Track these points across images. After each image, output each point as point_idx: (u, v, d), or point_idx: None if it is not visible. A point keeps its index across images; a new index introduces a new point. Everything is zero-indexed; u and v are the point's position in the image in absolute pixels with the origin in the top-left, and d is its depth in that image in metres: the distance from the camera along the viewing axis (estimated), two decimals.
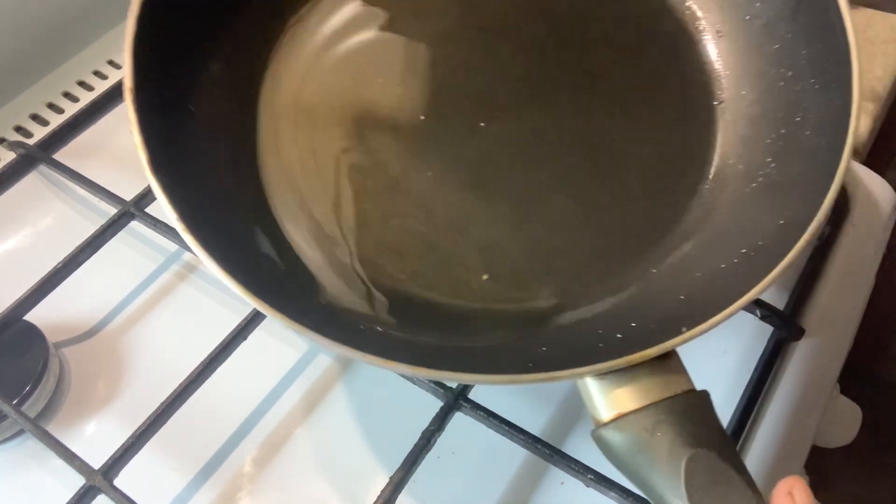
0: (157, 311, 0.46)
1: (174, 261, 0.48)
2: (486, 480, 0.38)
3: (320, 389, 0.42)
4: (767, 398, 0.40)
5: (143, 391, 0.42)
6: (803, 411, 0.41)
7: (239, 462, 0.40)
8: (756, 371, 0.41)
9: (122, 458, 0.37)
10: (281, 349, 0.43)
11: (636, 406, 0.27)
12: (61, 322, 0.45)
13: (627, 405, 0.27)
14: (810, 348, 0.43)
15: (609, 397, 0.28)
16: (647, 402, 0.27)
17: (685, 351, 0.28)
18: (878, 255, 0.49)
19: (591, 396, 0.28)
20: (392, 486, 0.35)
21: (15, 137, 0.54)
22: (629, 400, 0.27)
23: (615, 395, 0.28)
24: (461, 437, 0.39)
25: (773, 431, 0.39)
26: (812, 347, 0.43)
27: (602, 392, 0.28)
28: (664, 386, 0.28)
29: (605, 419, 0.28)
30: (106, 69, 0.59)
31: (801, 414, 0.41)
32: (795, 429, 0.40)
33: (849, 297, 0.46)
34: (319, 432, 0.40)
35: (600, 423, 0.28)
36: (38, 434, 0.38)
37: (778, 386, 0.41)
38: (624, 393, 0.27)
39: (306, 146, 0.38)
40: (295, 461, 0.40)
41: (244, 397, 0.41)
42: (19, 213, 0.51)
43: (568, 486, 0.38)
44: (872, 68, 0.54)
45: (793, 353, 0.42)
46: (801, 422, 0.41)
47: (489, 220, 0.36)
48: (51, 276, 0.44)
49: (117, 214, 0.46)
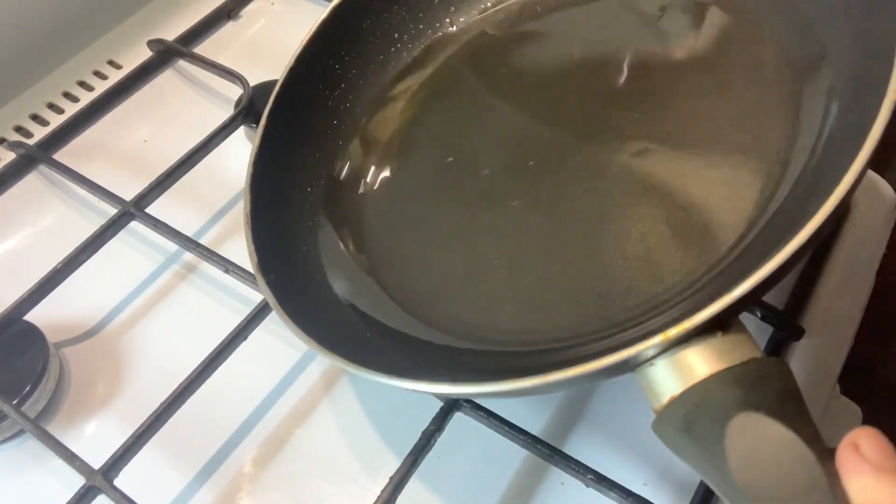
0: (157, 311, 0.46)
1: (174, 261, 0.48)
2: (486, 480, 0.38)
3: (320, 389, 0.42)
4: None
5: (143, 391, 0.42)
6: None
7: (239, 462, 0.40)
8: None
9: (122, 458, 0.37)
10: (281, 349, 0.43)
11: (689, 384, 0.26)
12: (61, 322, 0.45)
13: (679, 385, 0.26)
14: (810, 348, 0.43)
15: (663, 380, 0.26)
16: (700, 376, 0.25)
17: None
18: (878, 255, 0.49)
19: (648, 383, 0.27)
20: (392, 486, 0.35)
21: (15, 137, 0.55)
22: (681, 377, 0.26)
23: (668, 376, 0.26)
24: (461, 437, 0.39)
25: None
26: (812, 347, 0.43)
27: (657, 376, 0.26)
28: (717, 358, 0.25)
29: (659, 407, 0.26)
30: (106, 69, 0.59)
31: None
32: None
33: (849, 297, 0.46)
34: (319, 432, 0.40)
35: (657, 412, 0.27)
36: (38, 434, 0.38)
37: None
38: (677, 371, 0.26)
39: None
40: (295, 461, 0.40)
41: (244, 397, 0.42)
42: (19, 213, 0.51)
43: (568, 486, 0.38)
44: None
45: (793, 353, 0.42)
46: None
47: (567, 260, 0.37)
48: (51, 276, 0.44)
49: (117, 214, 0.46)
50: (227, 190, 0.51)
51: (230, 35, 0.61)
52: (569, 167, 0.41)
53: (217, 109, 0.56)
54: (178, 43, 0.58)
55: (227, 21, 0.62)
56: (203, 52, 0.58)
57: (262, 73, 0.53)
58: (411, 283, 0.40)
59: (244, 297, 0.45)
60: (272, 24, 0.62)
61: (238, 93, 0.54)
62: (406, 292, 0.40)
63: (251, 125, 0.52)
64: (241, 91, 0.53)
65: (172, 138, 0.53)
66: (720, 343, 0.26)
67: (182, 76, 0.59)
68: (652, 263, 0.35)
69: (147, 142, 0.55)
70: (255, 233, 0.39)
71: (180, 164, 0.49)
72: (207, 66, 0.55)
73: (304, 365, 0.43)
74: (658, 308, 0.33)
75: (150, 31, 0.60)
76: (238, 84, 0.53)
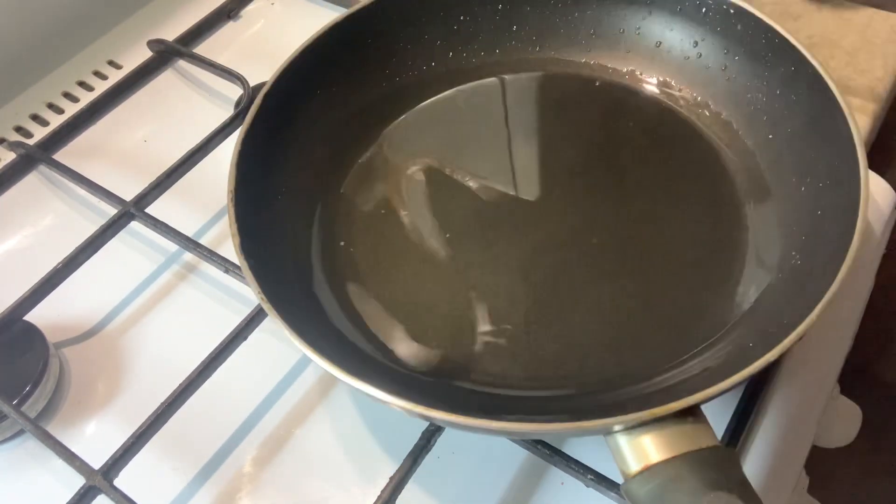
0: (157, 311, 0.46)
1: (174, 261, 0.48)
2: (486, 480, 0.38)
3: (320, 389, 0.42)
4: (767, 398, 0.40)
5: (143, 391, 0.42)
6: (803, 411, 0.41)
7: (239, 462, 0.40)
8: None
9: (122, 458, 0.37)
10: (281, 349, 0.43)
11: (662, 458, 0.29)
12: (61, 322, 0.45)
13: (654, 457, 0.29)
14: (810, 348, 0.43)
15: (637, 451, 0.30)
16: (672, 454, 0.29)
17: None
18: (878, 255, 0.49)
19: (619, 450, 0.30)
20: (392, 486, 0.35)
21: (15, 137, 0.55)
22: (656, 452, 0.29)
23: (642, 449, 0.30)
24: (461, 437, 0.39)
25: (774, 431, 0.39)
26: (812, 347, 0.43)
27: (630, 445, 0.30)
28: (690, 440, 0.29)
29: (634, 471, 0.30)
30: (106, 69, 0.59)
31: (801, 414, 0.41)
32: (795, 429, 0.40)
33: (849, 296, 0.46)
34: (319, 433, 0.40)
35: (629, 476, 0.30)
36: (38, 434, 0.39)
37: (778, 386, 0.41)
38: (651, 446, 0.30)
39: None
40: (295, 461, 0.40)
41: (244, 397, 0.42)
42: (19, 213, 0.51)
43: (568, 486, 0.38)
44: (872, 68, 0.54)
45: (792, 354, 0.42)
46: (801, 422, 0.41)
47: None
48: (51, 276, 0.44)
49: (117, 215, 0.46)
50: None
51: (230, 35, 0.61)
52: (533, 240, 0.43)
53: (217, 109, 0.56)
54: (178, 43, 0.58)
55: (227, 21, 0.62)
56: (203, 52, 0.58)
57: (262, 73, 0.53)
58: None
59: (244, 297, 0.45)
60: (272, 24, 0.62)
61: (238, 93, 0.54)
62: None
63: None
64: (241, 91, 0.53)
65: (172, 138, 0.53)
66: (691, 428, 0.30)
67: (182, 76, 0.59)
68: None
69: (147, 142, 0.55)
70: (238, 211, 0.39)
71: (180, 164, 0.49)
72: (207, 66, 0.56)
73: (304, 365, 0.43)
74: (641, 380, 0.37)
75: (150, 31, 0.60)
76: (238, 84, 0.53)
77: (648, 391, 0.36)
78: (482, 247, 0.43)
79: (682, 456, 0.29)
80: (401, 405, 0.31)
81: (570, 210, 0.44)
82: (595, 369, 0.38)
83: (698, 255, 0.41)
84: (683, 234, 0.42)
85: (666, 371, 0.37)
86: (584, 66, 0.49)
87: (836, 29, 0.56)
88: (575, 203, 0.44)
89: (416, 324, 0.40)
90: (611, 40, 0.49)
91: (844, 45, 0.55)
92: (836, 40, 0.55)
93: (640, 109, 0.47)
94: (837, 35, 0.56)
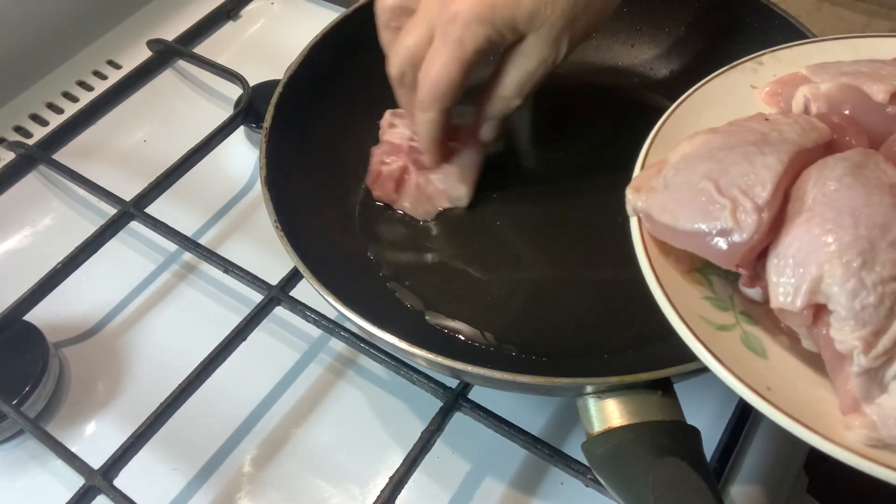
0: (157, 311, 0.46)
1: (174, 261, 0.48)
2: (486, 480, 0.38)
3: (320, 389, 0.42)
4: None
5: (143, 391, 0.42)
6: None
7: (239, 462, 0.40)
8: None
9: (122, 458, 0.37)
10: (281, 349, 0.43)
11: (624, 422, 0.31)
12: (61, 322, 0.45)
13: (616, 421, 0.31)
14: None
15: (602, 413, 0.32)
16: (634, 420, 0.31)
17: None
18: None
19: (588, 410, 0.32)
20: (392, 486, 0.35)
21: (15, 137, 0.55)
22: (619, 417, 0.31)
23: (607, 413, 0.31)
24: (461, 437, 0.39)
25: (773, 431, 0.39)
26: None
27: (596, 407, 0.32)
28: (654, 410, 0.31)
29: (595, 432, 0.31)
30: (106, 69, 0.59)
31: None
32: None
33: None
34: (319, 432, 0.40)
35: (590, 436, 0.32)
36: (38, 434, 0.39)
37: None
38: (615, 411, 0.31)
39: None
40: (295, 461, 0.40)
41: (244, 397, 0.42)
42: (19, 213, 0.51)
43: (568, 486, 0.38)
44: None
45: None
46: None
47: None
48: (51, 276, 0.44)
49: (117, 214, 0.46)
50: (227, 190, 0.51)
51: (230, 35, 0.61)
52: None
53: (217, 109, 0.56)
54: (177, 43, 0.58)
55: (227, 21, 0.62)
56: (203, 52, 0.58)
57: (262, 73, 0.53)
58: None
59: (244, 297, 0.45)
60: (272, 24, 0.62)
61: (238, 93, 0.54)
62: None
63: (251, 125, 0.52)
64: (240, 91, 0.53)
65: (172, 138, 0.53)
66: (658, 400, 0.31)
67: (182, 76, 0.59)
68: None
69: (147, 142, 0.55)
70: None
71: (180, 164, 0.49)
72: (207, 66, 0.56)
73: (304, 365, 0.43)
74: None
75: (150, 31, 0.60)
76: (238, 84, 0.53)
77: (630, 361, 0.37)
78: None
79: (644, 424, 0.31)
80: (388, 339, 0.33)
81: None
82: (581, 339, 0.39)
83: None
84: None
85: (647, 345, 0.38)
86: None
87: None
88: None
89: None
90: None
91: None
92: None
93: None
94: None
